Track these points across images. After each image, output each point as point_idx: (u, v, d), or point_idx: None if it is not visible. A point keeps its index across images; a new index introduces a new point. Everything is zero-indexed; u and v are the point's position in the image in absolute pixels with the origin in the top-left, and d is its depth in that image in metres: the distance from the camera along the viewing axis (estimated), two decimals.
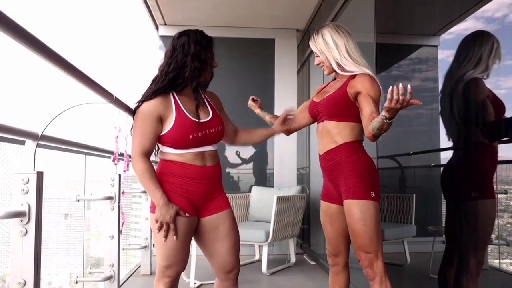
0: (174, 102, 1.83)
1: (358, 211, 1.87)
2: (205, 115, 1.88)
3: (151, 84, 1.89)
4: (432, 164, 3.27)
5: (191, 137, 1.80)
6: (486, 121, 2.06)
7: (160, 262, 1.84)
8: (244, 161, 5.43)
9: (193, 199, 1.85)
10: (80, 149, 3.11)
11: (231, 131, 2.09)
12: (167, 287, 1.86)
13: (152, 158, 1.88)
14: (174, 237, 1.78)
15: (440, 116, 2.33)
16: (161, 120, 1.80)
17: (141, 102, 1.82)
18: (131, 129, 1.92)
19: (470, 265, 2.10)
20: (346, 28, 2.04)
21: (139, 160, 1.79)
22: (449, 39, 2.89)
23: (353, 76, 1.96)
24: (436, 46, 3.28)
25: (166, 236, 1.78)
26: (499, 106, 1.99)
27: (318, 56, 2.06)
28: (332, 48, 1.99)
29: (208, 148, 1.89)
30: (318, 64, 2.09)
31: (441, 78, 3.10)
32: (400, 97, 1.49)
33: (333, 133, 1.97)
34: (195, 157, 1.85)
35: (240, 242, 1.99)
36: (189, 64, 1.82)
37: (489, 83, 2.05)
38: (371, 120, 1.81)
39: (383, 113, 1.62)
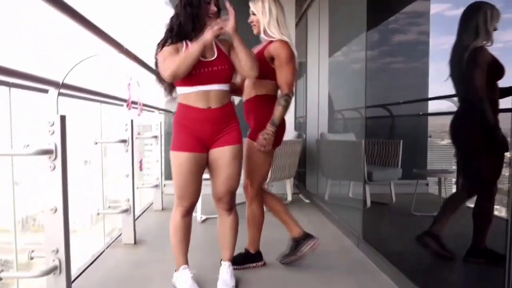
0: (186, 46, 2.07)
1: None
2: (211, 55, 2.09)
3: (166, 33, 2.13)
4: (421, 113, 3.48)
5: (193, 72, 2.01)
6: (487, 82, 2.20)
7: (176, 193, 2.17)
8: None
9: (201, 137, 2.09)
10: (97, 97, 3.36)
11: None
12: (182, 215, 2.21)
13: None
14: (184, 172, 2.09)
15: (450, 77, 2.48)
16: None
17: (162, 45, 2.08)
18: (155, 66, 2.17)
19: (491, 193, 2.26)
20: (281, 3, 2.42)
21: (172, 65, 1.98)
22: None
23: (271, 42, 2.35)
24: (428, 0, 3.38)
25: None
26: (499, 69, 2.16)
27: (254, 15, 2.41)
28: (266, 13, 2.35)
29: (214, 87, 2.07)
30: (251, 22, 2.45)
31: (433, 32, 3.23)
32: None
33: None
34: (200, 97, 2.05)
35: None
36: (182, 12, 2.09)
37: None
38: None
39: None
